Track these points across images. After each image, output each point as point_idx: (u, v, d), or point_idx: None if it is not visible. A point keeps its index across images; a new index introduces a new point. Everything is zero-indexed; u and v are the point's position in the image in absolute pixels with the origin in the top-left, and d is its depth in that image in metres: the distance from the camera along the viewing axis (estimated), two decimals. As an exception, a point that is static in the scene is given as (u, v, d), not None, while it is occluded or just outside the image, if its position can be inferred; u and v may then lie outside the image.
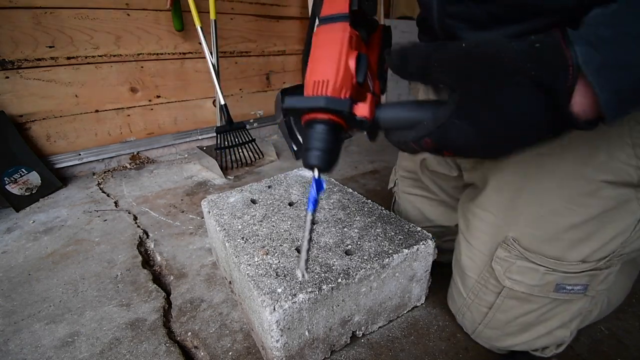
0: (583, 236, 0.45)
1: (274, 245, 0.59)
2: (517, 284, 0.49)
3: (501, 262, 0.50)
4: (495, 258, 0.51)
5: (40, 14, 1.13)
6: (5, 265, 0.82)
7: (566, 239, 0.46)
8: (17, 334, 0.63)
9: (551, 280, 0.47)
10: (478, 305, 0.55)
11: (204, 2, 1.32)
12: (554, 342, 0.53)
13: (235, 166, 1.38)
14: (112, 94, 1.35)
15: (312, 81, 0.39)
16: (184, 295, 0.71)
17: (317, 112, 0.39)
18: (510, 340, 0.54)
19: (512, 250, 0.49)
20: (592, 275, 0.47)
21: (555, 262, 0.46)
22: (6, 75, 1.13)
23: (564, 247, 0.46)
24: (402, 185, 0.78)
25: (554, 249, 0.46)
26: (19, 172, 1.13)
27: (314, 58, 0.41)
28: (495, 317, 0.54)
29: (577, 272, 0.46)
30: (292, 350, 0.51)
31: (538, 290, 0.48)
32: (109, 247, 0.88)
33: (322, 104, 0.38)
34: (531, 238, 0.48)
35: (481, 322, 0.56)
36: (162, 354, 0.58)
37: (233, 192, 0.77)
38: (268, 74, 1.76)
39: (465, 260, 0.57)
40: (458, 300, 0.60)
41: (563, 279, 0.47)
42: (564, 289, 0.48)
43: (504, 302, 0.52)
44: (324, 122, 0.39)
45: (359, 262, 0.54)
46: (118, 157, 1.42)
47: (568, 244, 0.46)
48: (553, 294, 0.48)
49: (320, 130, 0.39)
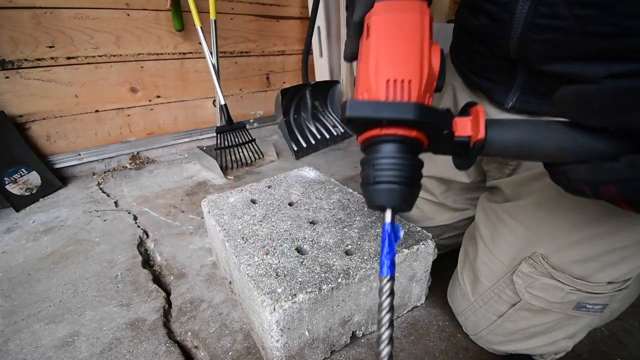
0: (617, 260, 0.44)
1: (274, 245, 0.59)
2: (536, 299, 0.48)
3: (524, 277, 0.48)
4: (518, 272, 0.49)
5: (40, 14, 1.13)
6: (5, 265, 0.82)
7: (600, 262, 0.44)
8: (17, 334, 0.63)
9: (574, 299, 0.46)
10: (486, 312, 0.54)
11: (204, 2, 1.32)
12: (556, 350, 0.52)
13: (235, 166, 1.38)
14: (112, 94, 1.35)
15: (385, 80, 0.27)
16: (184, 295, 0.71)
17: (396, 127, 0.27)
18: (512, 346, 0.53)
19: (538, 267, 0.47)
20: (613, 296, 0.46)
21: (582, 283, 0.45)
22: (6, 75, 1.13)
23: (595, 269, 0.44)
24: None
25: (584, 270, 0.45)
26: (19, 172, 1.13)
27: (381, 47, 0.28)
28: (503, 325, 0.53)
29: (602, 293, 0.45)
30: (292, 350, 0.51)
31: (558, 307, 0.47)
32: (109, 247, 0.88)
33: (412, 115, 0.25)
34: (563, 258, 0.46)
35: (486, 328, 0.55)
36: (162, 354, 0.58)
37: (233, 192, 0.77)
38: (268, 74, 1.77)
39: (480, 266, 0.55)
40: (462, 302, 0.59)
41: (586, 299, 0.46)
42: (584, 307, 0.47)
43: (516, 313, 0.51)
44: (402, 141, 0.27)
45: (359, 262, 0.54)
46: (118, 157, 1.42)
47: (601, 266, 0.44)
48: (572, 312, 0.47)
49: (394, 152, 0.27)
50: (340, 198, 0.74)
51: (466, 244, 0.62)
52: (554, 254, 0.46)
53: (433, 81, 0.29)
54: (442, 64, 0.29)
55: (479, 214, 0.58)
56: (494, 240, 0.53)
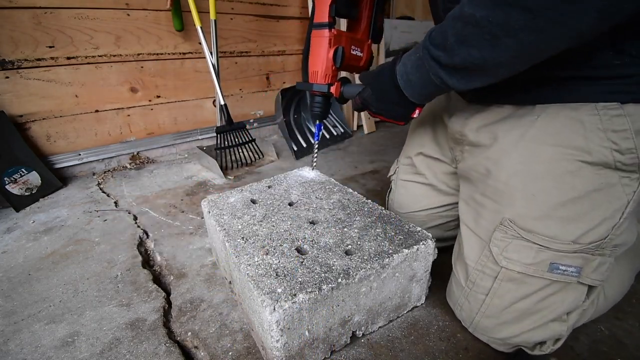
0: (572, 215, 0.49)
1: (274, 245, 0.59)
2: (512, 262, 0.52)
3: (498, 243, 0.54)
4: (493, 240, 0.54)
5: (40, 14, 1.13)
6: (5, 265, 0.82)
7: (556, 217, 0.50)
8: (17, 334, 0.63)
9: (545, 259, 0.50)
10: (476, 293, 0.57)
11: (204, 2, 1.32)
12: (551, 335, 0.54)
13: (235, 166, 1.38)
14: (112, 94, 1.35)
15: (311, 71, 0.72)
16: (184, 295, 0.71)
17: (313, 92, 0.73)
18: (506, 331, 0.55)
19: (509, 231, 0.53)
20: (584, 259, 0.50)
21: (548, 240, 0.50)
22: (6, 75, 1.13)
23: (555, 225, 0.50)
24: (401, 173, 0.83)
25: (547, 228, 0.50)
26: (19, 172, 1.13)
27: (311, 54, 0.71)
28: (492, 303, 0.55)
29: (569, 251, 0.50)
30: (292, 350, 0.51)
31: (533, 270, 0.51)
32: (109, 247, 0.88)
33: (313, 88, 0.72)
34: (525, 217, 0.52)
35: (478, 311, 0.57)
36: (162, 354, 0.58)
37: (233, 192, 0.77)
38: (268, 74, 1.77)
39: (467, 250, 0.59)
40: (457, 292, 0.61)
41: (556, 258, 0.50)
42: (557, 269, 0.50)
43: (500, 286, 0.54)
44: (318, 95, 0.75)
45: (359, 262, 0.54)
46: (118, 157, 1.42)
47: (559, 222, 0.50)
48: (547, 274, 0.51)
49: (317, 100, 0.75)
50: (340, 198, 0.74)
51: (458, 238, 0.65)
52: (518, 217, 0.52)
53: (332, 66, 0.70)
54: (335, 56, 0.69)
55: (462, 207, 0.64)
56: (476, 223, 0.59)
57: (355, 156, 1.51)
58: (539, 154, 0.51)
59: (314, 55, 0.70)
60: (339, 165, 1.42)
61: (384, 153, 1.55)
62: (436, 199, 0.76)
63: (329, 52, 0.68)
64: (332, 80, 0.71)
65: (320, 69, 0.69)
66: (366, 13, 0.74)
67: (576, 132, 0.48)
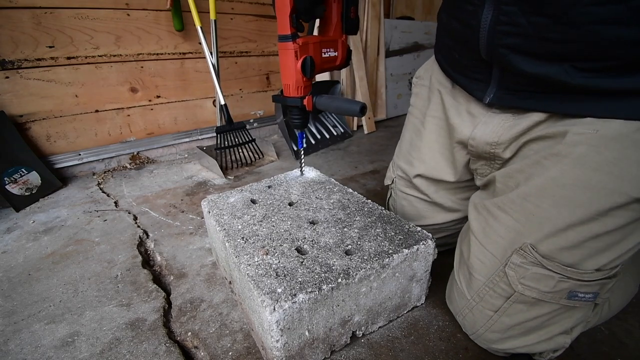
0: (603, 246, 0.45)
1: (274, 245, 0.59)
2: (529, 290, 0.49)
3: (516, 268, 0.49)
4: (510, 264, 0.50)
5: (40, 14, 1.13)
6: (5, 265, 0.82)
7: (587, 248, 0.45)
8: (17, 334, 0.63)
9: (565, 288, 0.47)
10: (482, 308, 0.55)
11: (204, 2, 1.32)
12: (554, 347, 0.53)
13: (235, 166, 1.38)
14: (112, 94, 1.35)
15: (284, 84, 0.71)
16: (184, 295, 0.71)
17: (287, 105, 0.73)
18: (510, 343, 0.53)
19: (528, 257, 0.48)
20: (603, 284, 0.48)
21: (572, 271, 0.46)
22: (6, 75, 1.13)
23: (583, 255, 0.46)
24: (399, 183, 0.79)
25: (572, 257, 0.46)
26: (19, 172, 1.13)
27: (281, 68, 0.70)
28: (499, 320, 0.53)
29: (592, 280, 0.47)
30: (292, 350, 0.51)
31: (550, 297, 0.48)
32: (109, 247, 0.88)
33: (287, 102, 0.72)
34: (551, 246, 0.47)
35: (483, 325, 0.55)
36: (162, 354, 0.58)
37: (233, 192, 0.77)
38: (268, 74, 1.76)
39: (474, 262, 0.56)
40: (460, 301, 0.59)
41: (577, 287, 0.47)
42: (576, 296, 0.48)
43: (511, 307, 0.51)
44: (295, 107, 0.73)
45: (359, 262, 0.54)
46: (118, 157, 1.42)
47: (588, 253, 0.46)
48: (564, 301, 0.48)
49: (294, 111, 0.74)
50: (340, 198, 0.74)
51: (461, 244, 0.62)
52: (542, 243, 0.47)
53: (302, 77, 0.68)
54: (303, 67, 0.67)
55: (471, 211, 0.60)
56: (486, 235, 0.54)
57: (356, 156, 1.51)
58: (586, 180, 0.44)
59: (283, 69, 0.68)
60: (339, 165, 1.42)
61: (384, 153, 1.55)
62: (441, 215, 0.72)
63: (297, 64, 0.66)
64: (304, 92, 0.70)
65: (291, 82, 0.68)
66: (335, 8, 0.71)
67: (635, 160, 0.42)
